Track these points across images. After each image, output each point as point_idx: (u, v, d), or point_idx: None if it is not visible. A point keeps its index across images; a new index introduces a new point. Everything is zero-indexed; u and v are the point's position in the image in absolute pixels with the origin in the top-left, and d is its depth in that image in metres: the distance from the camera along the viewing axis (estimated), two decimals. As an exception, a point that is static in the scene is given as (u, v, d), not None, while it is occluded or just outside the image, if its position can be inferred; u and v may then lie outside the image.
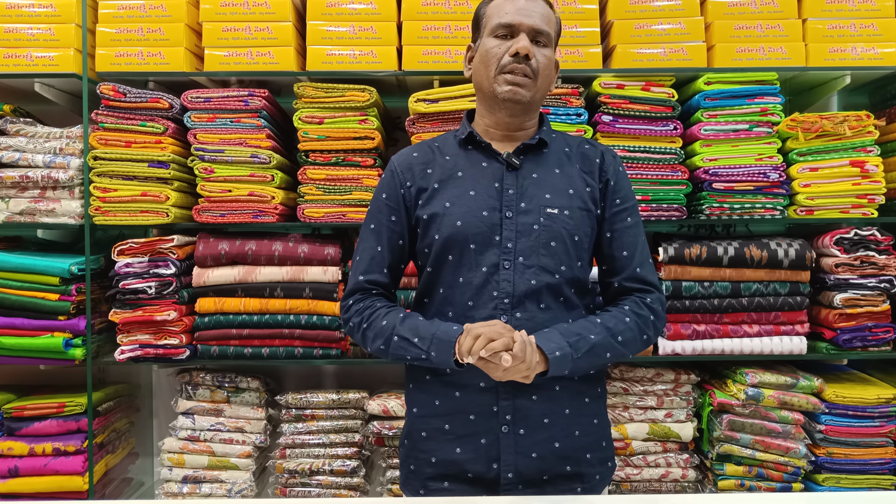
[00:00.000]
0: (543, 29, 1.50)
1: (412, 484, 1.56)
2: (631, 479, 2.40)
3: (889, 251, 2.35)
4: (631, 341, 1.48)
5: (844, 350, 2.36)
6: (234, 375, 2.46)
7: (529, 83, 1.49)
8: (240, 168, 2.34)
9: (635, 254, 1.55)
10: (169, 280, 2.33)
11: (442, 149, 1.59)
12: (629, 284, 1.54)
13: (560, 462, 1.50)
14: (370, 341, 1.50)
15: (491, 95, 1.52)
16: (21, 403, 2.40)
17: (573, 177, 1.55)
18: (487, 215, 1.49)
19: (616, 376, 2.43)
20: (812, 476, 2.38)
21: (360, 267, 1.56)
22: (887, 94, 2.59)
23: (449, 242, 1.49)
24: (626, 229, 1.55)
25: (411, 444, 1.57)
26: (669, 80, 2.37)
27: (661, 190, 2.35)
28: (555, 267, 1.49)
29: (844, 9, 2.40)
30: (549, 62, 1.52)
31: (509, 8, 1.51)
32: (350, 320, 1.54)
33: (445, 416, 1.51)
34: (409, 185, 1.55)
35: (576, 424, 1.51)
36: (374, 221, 1.57)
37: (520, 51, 1.47)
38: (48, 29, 2.39)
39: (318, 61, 2.38)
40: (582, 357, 1.41)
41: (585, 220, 1.53)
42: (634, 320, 1.49)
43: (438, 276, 1.52)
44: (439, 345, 1.41)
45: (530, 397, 1.48)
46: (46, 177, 2.35)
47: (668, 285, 2.35)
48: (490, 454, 1.48)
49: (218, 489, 2.43)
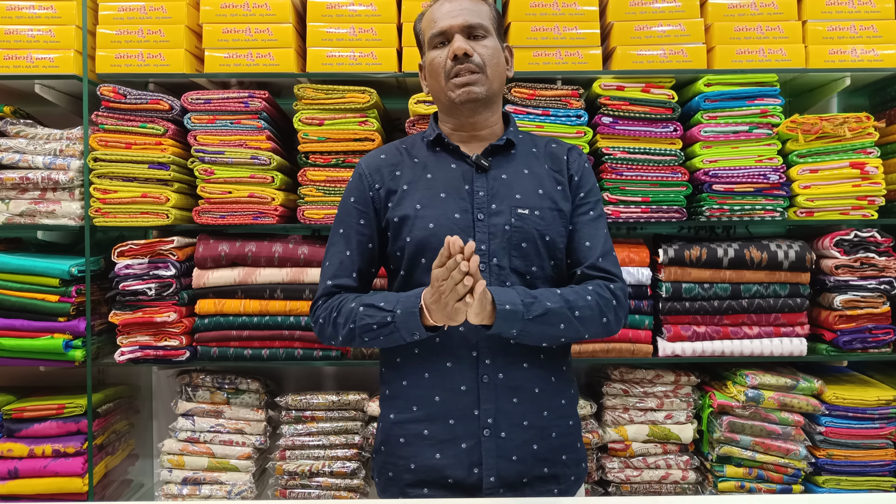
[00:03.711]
0: (475, 22, 1.51)
1: (391, 491, 1.54)
2: (631, 480, 2.39)
3: (889, 253, 2.35)
4: (589, 319, 1.45)
5: (844, 352, 2.36)
6: (233, 377, 2.46)
7: (479, 77, 1.49)
8: (240, 169, 2.34)
9: (597, 245, 1.54)
10: (169, 281, 2.33)
11: (410, 150, 1.59)
12: (591, 272, 1.52)
13: (538, 464, 1.50)
14: (341, 328, 1.48)
15: (449, 103, 1.52)
16: (21, 405, 2.40)
17: (542, 177, 1.55)
18: (460, 217, 1.49)
19: (616, 378, 2.43)
20: (812, 478, 2.38)
21: (328, 272, 1.55)
22: (887, 95, 2.59)
23: (422, 245, 1.49)
24: (589, 222, 1.55)
25: (389, 450, 1.55)
26: (669, 81, 2.37)
27: (661, 191, 2.35)
28: (526, 268, 1.49)
29: (844, 10, 2.40)
30: (493, 51, 1.52)
31: (437, 15, 1.53)
32: (319, 318, 1.53)
33: (424, 422, 1.50)
34: (377, 188, 1.54)
35: (553, 426, 1.52)
36: (343, 225, 1.56)
37: (456, 52, 1.47)
38: (48, 30, 2.39)
39: (318, 63, 2.38)
40: (533, 320, 1.38)
41: (557, 220, 1.52)
42: (596, 300, 1.46)
43: (412, 279, 1.51)
44: (406, 302, 1.40)
45: (511, 400, 1.48)
46: (46, 178, 2.35)
47: (668, 287, 2.35)
48: (471, 459, 1.47)
49: (218, 491, 2.43)
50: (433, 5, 1.57)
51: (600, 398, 2.45)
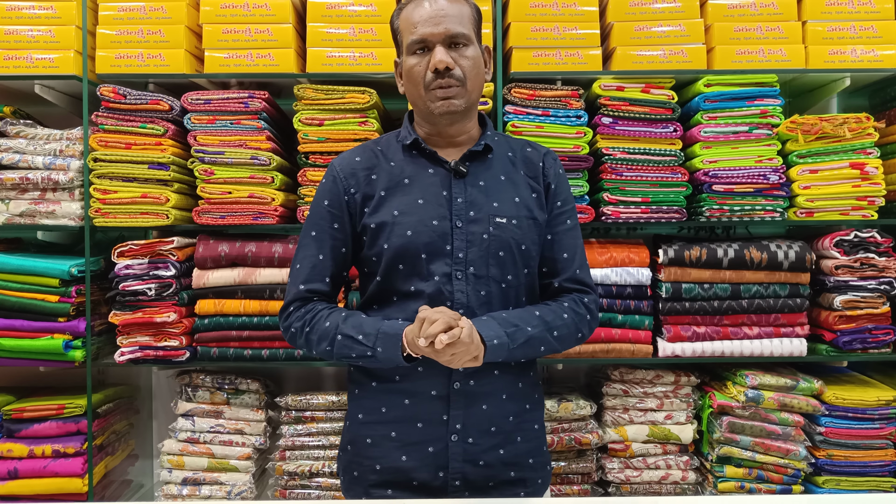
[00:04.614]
0: (458, 31, 1.46)
1: (355, 490, 1.55)
2: (630, 481, 2.39)
3: (889, 253, 2.35)
4: (566, 337, 1.50)
5: (844, 352, 2.36)
6: (233, 377, 2.46)
7: (459, 91, 1.47)
8: (240, 170, 2.34)
9: (575, 256, 1.57)
10: (169, 282, 2.33)
11: (386, 153, 1.56)
12: (569, 285, 1.56)
13: (505, 469, 1.51)
14: (314, 344, 1.48)
15: (427, 112, 1.50)
16: (21, 405, 2.40)
17: (519, 184, 1.54)
18: (438, 224, 1.48)
19: (616, 378, 2.43)
20: (812, 478, 2.38)
21: (300, 276, 1.53)
22: (887, 96, 2.59)
23: (400, 252, 1.47)
24: (566, 232, 1.57)
25: (355, 450, 1.55)
26: (669, 82, 2.37)
27: (660, 192, 2.35)
28: (502, 276, 1.50)
29: (844, 11, 2.40)
30: (474, 61, 1.49)
31: (416, 18, 1.47)
32: (291, 326, 1.51)
33: (392, 424, 1.50)
34: (353, 192, 1.52)
35: (519, 431, 1.53)
36: (316, 228, 1.53)
37: (438, 66, 1.44)
38: (48, 31, 2.39)
39: (318, 63, 2.38)
40: (517, 348, 1.42)
41: (532, 229, 1.53)
42: (572, 318, 1.50)
43: (389, 284, 1.50)
44: (385, 339, 1.40)
45: (481, 406, 1.48)
46: (46, 178, 2.35)
47: (668, 287, 2.35)
48: (438, 462, 1.48)
49: (217, 491, 2.43)
50: (410, 3, 1.51)
51: (600, 398, 2.45)
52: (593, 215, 2.36)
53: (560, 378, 2.71)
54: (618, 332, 2.36)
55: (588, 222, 2.36)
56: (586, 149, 2.35)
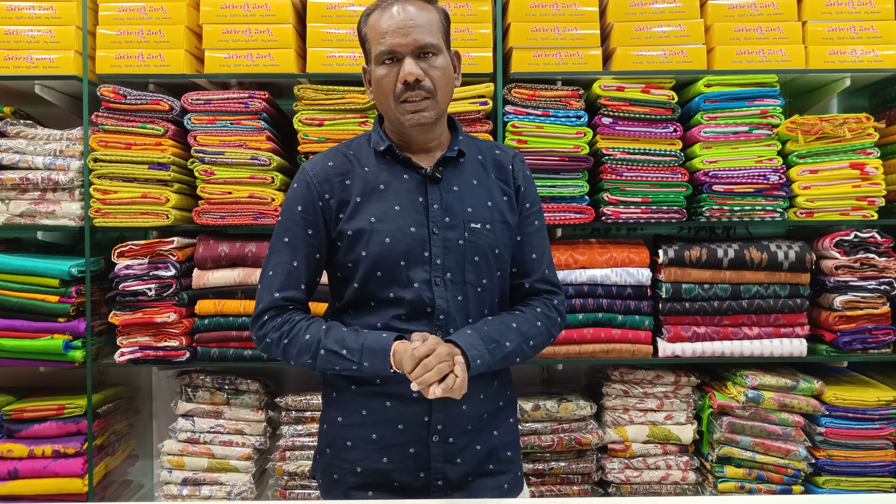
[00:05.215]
0: (427, 41, 1.44)
1: (334, 493, 1.54)
2: (631, 481, 2.39)
3: (889, 253, 2.35)
4: (540, 345, 1.55)
5: (844, 352, 2.36)
6: (233, 377, 2.46)
7: (430, 103, 1.46)
8: (240, 170, 2.34)
9: (544, 257, 1.60)
10: (169, 282, 2.33)
11: (358, 157, 1.54)
12: (539, 286, 1.59)
13: (483, 463, 1.53)
14: (294, 356, 1.47)
15: (398, 122, 1.49)
16: (21, 405, 2.40)
17: (491, 188, 1.55)
18: (416, 231, 1.47)
19: (616, 378, 2.43)
20: (812, 478, 2.38)
21: (274, 283, 1.49)
22: (887, 96, 2.59)
23: (378, 260, 1.46)
24: (534, 233, 1.60)
25: (334, 453, 1.54)
26: (669, 82, 2.37)
27: (660, 192, 2.35)
28: (477, 281, 1.51)
29: (844, 11, 2.40)
30: (443, 71, 1.47)
31: (385, 28, 1.44)
32: (266, 336, 1.49)
33: (373, 426, 1.50)
34: (327, 198, 1.50)
35: (493, 426, 1.56)
36: (289, 234, 1.50)
37: (408, 79, 1.42)
38: (48, 31, 2.39)
39: (318, 63, 2.38)
40: (496, 363, 1.46)
41: (505, 233, 1.54)
42: (545, 324, 1.55)
43: (366, 291, 1.49)
44: (371, 354, 1.41)
45: (461, 407, 1.50)
46: (46, 179, 2.35)
47: (668, 287, 2.35)
48: (418, 463, 1.49)
49: (217, 491, 2.43)
50: (377, 9, 1.48)
51: (600, 399, 2.46)
52: (593, 215, 2.36)
53: (560, 378, 2.71)
54: (618, 333, 2.36)
55: (588, 222, 2.36)
56: (586, 149, 2.35)
